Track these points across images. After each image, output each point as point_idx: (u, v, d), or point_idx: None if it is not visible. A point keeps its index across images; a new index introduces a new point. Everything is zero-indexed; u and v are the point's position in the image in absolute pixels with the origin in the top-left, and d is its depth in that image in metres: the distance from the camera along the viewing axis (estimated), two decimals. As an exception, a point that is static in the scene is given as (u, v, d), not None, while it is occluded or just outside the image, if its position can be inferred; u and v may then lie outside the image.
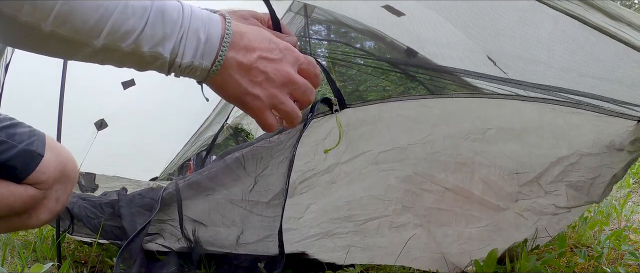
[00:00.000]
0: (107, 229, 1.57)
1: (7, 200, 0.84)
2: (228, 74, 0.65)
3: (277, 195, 1.50)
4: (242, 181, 1.53)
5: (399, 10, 1.88)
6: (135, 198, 1.59)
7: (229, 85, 0.66)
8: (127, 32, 0.58)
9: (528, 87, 1.67)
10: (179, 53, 0.62)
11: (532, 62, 1.63)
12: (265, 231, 1.48)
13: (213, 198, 1.54)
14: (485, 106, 1.50)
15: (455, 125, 1.47)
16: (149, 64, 0.63)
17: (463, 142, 1.45)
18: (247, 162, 1.53)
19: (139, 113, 2.96)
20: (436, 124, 1.48)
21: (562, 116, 1.36)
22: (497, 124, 1.43)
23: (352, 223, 1.48)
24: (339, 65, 3.60)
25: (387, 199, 1.47)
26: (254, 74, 0.65)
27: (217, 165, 1.57)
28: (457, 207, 1.43)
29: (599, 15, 1.21)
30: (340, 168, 1.53)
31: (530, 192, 1.35)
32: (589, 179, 1.28)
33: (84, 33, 0.57)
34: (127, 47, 0.59)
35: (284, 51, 0.68)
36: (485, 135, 1.43)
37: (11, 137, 0.85)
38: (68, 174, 0.93)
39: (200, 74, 0.65)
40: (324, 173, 1.54)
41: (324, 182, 1.54)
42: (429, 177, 1.45)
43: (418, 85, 7.07)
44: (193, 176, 1.60)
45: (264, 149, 1.52)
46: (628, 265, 1.45)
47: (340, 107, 1.52)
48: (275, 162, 1.50)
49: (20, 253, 1.60)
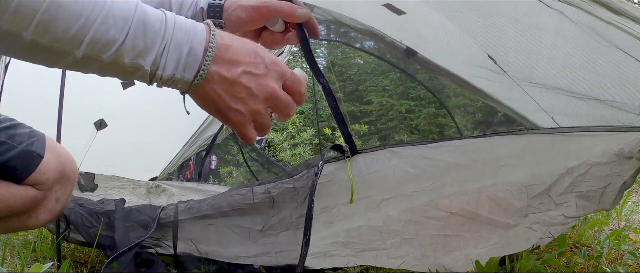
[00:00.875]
0: (101, 239, 1.57)
1: (7, 201, 0.84)
2: (211, 87, 0.64)
3: (273, 226, 1.50)
4: (249, 216, 1.52)
5: (399, 9, 1.88)
6: (133, 212, 1.59)
7: (210, 99, 0.65)
8: (108, 43, 0.58)
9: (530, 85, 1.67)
10: (160, 65, 0.61)
11: (535, 60, 1.63)
12: (261, 251, 1.49)
13: (213, 227, 1.54)
14: (497, 144, 1.46)
15: (466, 169, 1.43)
16: (131, 75, 0.62)
17: (473, 184, 1.41)
18: (257, 198, 1.51)
19: (139, 113, 2.96)
20: (446, 170, 1.44)
21: (575, 141, 1.35)
22: (509, 162, 1.40)
23: (350, 249, 1.46)
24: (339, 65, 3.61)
25: (386, 232, 1.44)
26: (237, 90, 0.64)
27: (221, 197, 1.57)
28: (465, 231, 1.38)
29: (603, 11, 1.21)
30: (340, 210, 1.51)
31: (540, 205, 1.33)
32: (600, 189, 1.27)
33: (65, 43, 0.57)
34: (108, 58, 0.59)
35: (270, 66, 0.66)
36: (497, 173, 1.40)
37: (11, 138, 0.85)
38: (68, 175, 0.93)
39: (182, 87, 0.64)
40: (322, 212, 1.51)
41: (322, 221, 1.52)
42: (433, 205, 1.41)
43: (418, 85, 7.05)
44: (193, 202, 1.60)
45: (275, 189, 1.50)
46: (628, 265, 1.45)
47: (351, 154, 1.49)
48: (289, 208, 1.49)
49: (20, 253, 1.60)
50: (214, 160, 5.63)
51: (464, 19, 1.73)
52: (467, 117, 5.87)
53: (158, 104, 3.01)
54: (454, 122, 4.41)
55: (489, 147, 1.46)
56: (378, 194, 1.47)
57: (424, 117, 6.37)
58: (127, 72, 0.62)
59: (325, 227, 1.51)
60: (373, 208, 1.47)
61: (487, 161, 1.42)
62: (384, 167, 1.48)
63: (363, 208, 1.48)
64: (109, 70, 0.62)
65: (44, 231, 1.91)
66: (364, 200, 1.48)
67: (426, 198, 1.43)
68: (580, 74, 1.56)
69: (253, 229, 1.51)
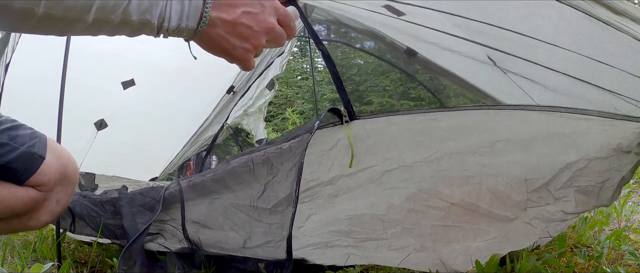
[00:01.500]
0: (108, 228, 1.57)
1: (8, 201, 0.84)
2: (214, 31, 0.70)
3: (280, 202, 1.49)
4: (251, 186, 1.51)
5: (399, 10, 1.88)
6: (136, 197, 1.59)
7: (216, 42, 0.71)
8: (115, 5, 0.62)
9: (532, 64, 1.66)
10: (165, 18, 0.67)
11: (535, 60, 1.63)
12: (265, 237, 1.48)
13: (218, 201, 1.53)
14: (493, 117, 1.47)
15: (463, 140, 1.44)
16: (139, 31, 0.67)
17: (470, 158, 1.42)
18: (257, 167, 1.51)
19: (139, 113, 2.96)
20: (444, 140, 1.45)
21: (570, 123, 1.35)
22: (505, 136, 1.40)
23: (352, 238, 1.47)
24: (339, 65, 3.61)
25: (388, 220, 1.45)
26: (240, 30, 0.71)
27: (222, 168, 1.56)
28: (464, 222, 1.39)
29: (603, 10, 1.21)
30: (344, 182, 1.51)
31: (539, 199, 1.33)
32: (598, 183, 1.27)
33: (76, 11, 0.61)
34: (117, 18, 0.63)
35: (264, 3, 0.73)
36: (493, 148, 1.41)
37: (13, 139, 0.86)
38: (69, 176, 0.93)
39: (187, 34, 0.70)
40: (326, 184, 1.52)
41: (326, 194, 1.52)
42: (435, 193, 1.42)
43: (418, 85, 7.04)
44: (196, 177, 1.59)
45: (274, 155, 1.50)
46: (628, 265, 1.45)
47: (349, 118, 1.50)
48: (285, 169, 1.48)
49: (20, 253, 1.60)
50: (214, 160, 5.61)
51: (464, 20, 1.73)
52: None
53: (158, 104, 3.01)
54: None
55: (485, 119, 1.47)
56: (380, 164, 1.49)
57: (424, 117, 6.36)
58: (135, 29, 0.66)
59: (329, 203, 1.52)
60: (375, 180, 1.49)
61: (482, 134, 1.43)
62: (383, 134, 1.50)
63: (366, 180, 1.49)
64: (119, 30, 0.66)
65: (44, 231, 1.91)
66: (366, 171, 1.49)
67: (426, 171, 1.45)
68: (580, 74, 1.56)
69: (259, 207, 1.50)
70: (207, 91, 3.23)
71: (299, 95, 8.82)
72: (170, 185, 1.61)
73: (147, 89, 2.81)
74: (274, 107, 8.56)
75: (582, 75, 1.50)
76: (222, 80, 3.22)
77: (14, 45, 2.06)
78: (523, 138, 1.39)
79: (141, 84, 2.75)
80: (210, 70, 2.99)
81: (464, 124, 1.47)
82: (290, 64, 8.89)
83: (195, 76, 2.98)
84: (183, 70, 2.83)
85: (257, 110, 3.31)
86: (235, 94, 3.30)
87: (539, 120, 1.39)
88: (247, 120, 3.36)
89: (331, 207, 1.50)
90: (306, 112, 7.73)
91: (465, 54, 2.01)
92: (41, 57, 2.29)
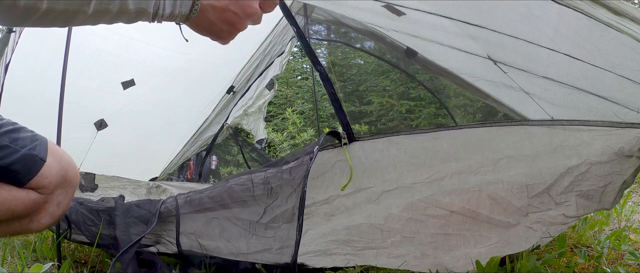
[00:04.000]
0: (102, 237, 1.56)
1: (9, 204, 0.84)
2: (205, 17, 0.77)
3: (275, 218, 1.49)
4: (250, 207, 1.51)
5: (399, 10, 1.88)
6: (132, 208, 1.58)
7: (205, 26, 0.79)
8: None
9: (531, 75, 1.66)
10: (160, 6, 0.72)
11: (534, 60, 1.63)
12: (262, 246, 1.48)
13: (214, 217, 1.53)
14: (496, 134, 1.46)
15: (465, 159, 1.42)
16: (136, 18, 0.72)
17: (472, 177, 1.40)
18: (256, 188, 1.51)
19: (139, 113, 2.96)
20: (445, 160, 1.44)
21: (573, 135, 1.34)
22: (508, 153, 1.39)
23: (351, 247, 1.46)
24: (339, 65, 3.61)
25: (387, 230, 1.43)
26: (227, 16, 0.78)
27: (220, 186, 1.56)
28: (465, 229, 1.38)
29: (602, 11, 1.21)
30: (340, 201, 1.50)
31: (540, 204, 1.32)
32: (600, 187, 1.27)
33: (77, 4, 0.65)
34: (115, 8, 0.68)
35: None
36: (496, 166, 1.39)
37: (14, 141, 0.86)
38: (69, 179, 0.93)
39: (180, 19, 0.77)
40: (323, 203, 1.51)
41: (322, 213, 1.51)
42: (433, 202, 1.41)
43: (418, 85, 7.03)
44: (193, 194, 1.59)
45: (273, 178, 1.49)
46: (628, 265, 1.45)
47: (348, 140, 1.50)
48: (284, 194, 1.48)
49: (20, 254, 1.60)
50: (214, 160, 5.62)
51: (464, 20, 1.73)
52: (467, 117, 5.87)
53: (158, 104, 3.01)
54: (454, 122, 4.42)
55: (487, 137, 1.47)
56: (378, 185, 1.48)
57: (424, 117, 6.37)
58: (132, 17, 0.72)
59: (325, 220, 1.51)
60: (373, 200, 1.49)
61: (485, 152, 1.43)
62: (383, 156, 1.50)
63: (363, 200, 1.49)
64: (118, 18, 0.71)
65: (45, 231, 1.91)
66: (364, 192, 1.49)
67: (426, 191, 1.44)
68: (579, 73, 1.56)
69: (254, 222, 1.51)
70: (207, 91, 3.22)
71: (299, 95, 8.81)
72: (167, 199, 1.60)
73: (147, 89, 2.81)
74: (274, 107, 8.55)
75: (583, 84, 1.50)
76: (222, 80, 3.22)
77: (13, 45, 2.06)
78: (526, 155, 1.37)
79: (141, 84, 2.75)
80: (210, 70, 2.99)
81: (466, 143, 1.46)
82: (290, 64, 8.87)
83: (195, 76, 2.98)
84: (183, 70, 2.83)
85: (257, 110, 3.31)
86: (235, 94, 3.30)
87: (542, 134, 1.38)
88: (247, 120, 3.36)
89: (327, 223, 1.49)
90: (306, 112, 7.72)
91: (465, 54, 2.01)
92: (41, 57, 2.29)
